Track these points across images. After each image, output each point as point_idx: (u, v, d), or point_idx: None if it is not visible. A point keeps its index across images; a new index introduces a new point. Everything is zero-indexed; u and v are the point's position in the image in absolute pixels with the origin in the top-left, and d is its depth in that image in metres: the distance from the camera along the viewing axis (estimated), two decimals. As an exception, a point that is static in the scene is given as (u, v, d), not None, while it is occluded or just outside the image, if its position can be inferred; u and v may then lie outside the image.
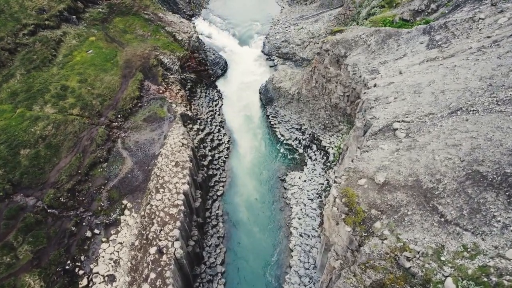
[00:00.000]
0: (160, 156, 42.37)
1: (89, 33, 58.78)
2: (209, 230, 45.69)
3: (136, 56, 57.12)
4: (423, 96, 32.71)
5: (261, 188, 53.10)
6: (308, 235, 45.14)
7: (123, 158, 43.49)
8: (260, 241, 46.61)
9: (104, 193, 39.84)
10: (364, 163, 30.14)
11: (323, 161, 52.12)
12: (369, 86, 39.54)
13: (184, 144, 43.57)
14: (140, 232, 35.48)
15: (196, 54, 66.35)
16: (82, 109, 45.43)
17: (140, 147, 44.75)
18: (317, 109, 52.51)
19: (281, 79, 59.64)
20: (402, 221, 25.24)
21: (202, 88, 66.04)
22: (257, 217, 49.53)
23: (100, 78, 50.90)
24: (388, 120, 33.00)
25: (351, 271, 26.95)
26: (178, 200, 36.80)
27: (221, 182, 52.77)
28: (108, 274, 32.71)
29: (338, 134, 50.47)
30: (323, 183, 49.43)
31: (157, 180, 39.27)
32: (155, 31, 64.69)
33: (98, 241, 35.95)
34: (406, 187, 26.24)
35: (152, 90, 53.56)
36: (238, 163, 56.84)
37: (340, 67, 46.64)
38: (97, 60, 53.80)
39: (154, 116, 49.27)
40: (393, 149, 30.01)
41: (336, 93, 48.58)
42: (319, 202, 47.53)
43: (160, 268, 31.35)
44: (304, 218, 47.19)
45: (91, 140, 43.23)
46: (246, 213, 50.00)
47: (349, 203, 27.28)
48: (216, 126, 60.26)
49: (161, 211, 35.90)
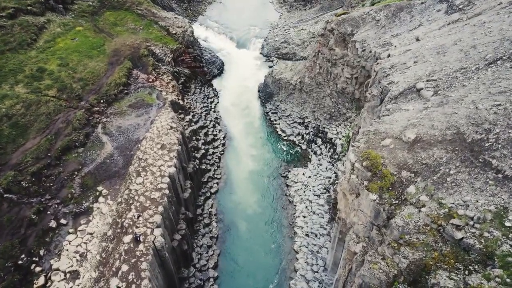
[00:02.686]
0: (144, 140, 36.92)
1: (76, 23, 54.99)
2: (201, 229, 39.29)
3: (125, 46, 53.00)
4: (450, 55, 28.51)
5: (260, 186, 47.13)
6: (315, 234, 38.79)
7: (103, 143, 37.93)
8: (260, 243, 40.08)
9: (77, 179, 33.90)
10: (386, 125, 24.92)
11: (329, 154, 46.63)
12: (382, 57, 35.15)
13: (172, 128, 38.24)
14: (114, 220, 29.30)
15: (191, 50, 62.55)
16: (59, 91, 40.40)
17: (122, 132, 39.32)
18: (322, 97, 47.79)
19: (281, 71, 55.46)
20: (443, 183, 19.57)
21: (196, 85, 61.60)
22: (255, 216, 43.24)
23: (84, 64, 46.35)
24: (410, 83, 28.53)
25: (379, 254, 20.84)
26: (162, 183, 30.93)
27: (215, 179, 46.90)
28: (71, 270, 26.17)
29: (346, 123, 45.35)
30: (330, 176, 43.67)
31: (139, 163, 33.57)
32: (148, 25, 61.18)
33: (64, 232, 29.58)
34: (444, 142, 20.81)
35: (141, 79, 48.91)
36: (234, 160, 51.19)
37: (347, 47, 42.46)
38: (82, 47, 49.53)
39: (141, 103, 44.24)
40: (420, 108, 25.03)
41: (342, 77, 44.05)
42: (327, 197, 41.53)
43: (134, 259, 24.96)
44: (310, 216, 41.00)
45: (67, 123, 37.84)
46: (243, 212, 43.73)
47: (372, 166, 21.70)
48: (211, 121, 55.20)
49: (141, 196, 29.93)
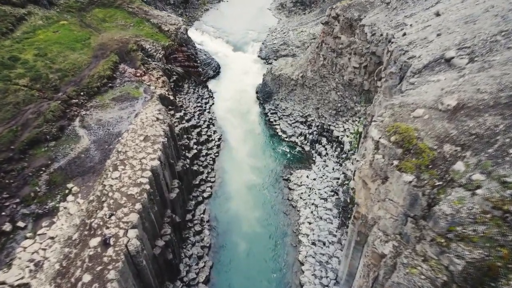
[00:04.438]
0: (126, 132, 32.14)
1: (60, 17, 51.26)
2: (191, 237, 33.88)
3: (113, 40, 49.03)
4: (482, 22, 24.46)
5: (259, 190, 42.01)
6: (323, 242, 33.46)
7: (79, 137, 33.08)
8: (259, 253, 34.62)
9: (44, 176, 28.81)
10: (414, 97, 20.37)
11: (336, 153, 41.83)
12: (396, 38, 31.14)
13: (159, 119, 33.55)
14: (83, 221, 24.08)
15: (184, 48, 58.74)
16: (32, 81, 35.88)
17: (102, 125, 34.57)
18: (327, 92, 43.47)
19: (281, 67, 51.46)
20: (504, 156, 14.78)
21: (190, 85, 57.40)
22: (253, 224, 37.93)
23: (65, 55, 42.11)
24: (435, 55, 24.40)
25: (418, 254, 15.74)
26: (143, 177, 25.90)
27: (208, 182, 41.80)
28: (21, 283, 20.76)
29: (354, 118, 40.80)
30: (338, 177, 38.70)
31: (117, 156, 28.63)
32: (139, 22, 57.57)
33: (21, 237, 24.25)
34: (498, 106, 16.15)
35: (128, 73, 44.60)
36: (230, 163, 46.23)
37: (354, 33, 38.53)
38: (64, 40, 45.49)
39: (126, 96, 39.73)
40: (454, 77, 20.61)
41: (349, 67, 39.90)
42: (336, 200, 36.41)
43: (100, 267, 19.65)
44: (316, 222, 35.78)
45: (38, 114, 33.10)
46: (240, 219, 38.43)
47: (403, 141, 16.93)
48: (205, 121, 50.61)
49: (116, 192, 24.82)
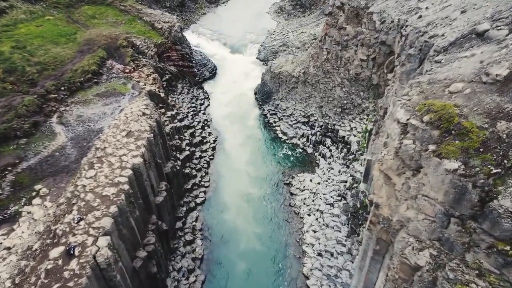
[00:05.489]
0: (108, 128, 28.50)
1: (46, 13, 48.25)
2: (180, 248, 29.86)
3: (101, 36, 45.83)
4: (515, -6, 20.89)
5: (258, 195, 38.15)
6: (331, 252, 29.50)
7: (54, 134, 29.42)
8: (257, 266, 30.56)
9: (10, 176, 25.01)
10: (446, 73, 16.88)
11: (342, 155, 38.18)
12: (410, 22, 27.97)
13: (145, 114, 29.96)
14: (48, 228, 20.19)
15: (179, 47, 55.71)
16: (6, 73, 32.41)
17: (83, 122, 30.96)
18: (331, 88, 40.13)
19: (281, 64, 48.30)
20: None
21: (184, 85, 54.11)
22: (252, 233, 33.95)
23: (46, 49, 38.84)
24: (463, 31, 21.07)
25: (469, 266, 12.01)
26: (121, 176, 22.14)
27: (202, 187, 37.96)
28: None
29: (361, 116, 37.33)
30: (346, 180, 34.95)
31: (94, 153, 24.90)
32: (131, 20, 54.73)
33: (-27, 247, 20.41)
34: None
35: (116, 69, 41.20)
36: (226, 166, 42.45)
37: (361, 23, 35.42)
38: (48, 34, 42.31)
39: (112, 92, 36.26)
40: (494, 49, 17.08)
41: (356, 60, 36.66)
42: (344, 206, 32.57)
43: (57, 285, 15.74)
44: (322, 230, 31.87)
45: (8, 109, 29.49)
46: (236, 227, 34.46)
47: (441, 120, 13.31)
48: (199, 122, 47.05)
49: (88, 193, 21.03)
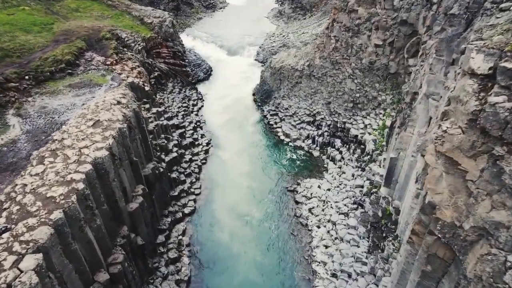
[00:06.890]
0: (73, 118, 23.19)
1: (22, 3, 43.69)
2: (161, 268, 23.97)
3: (81, 28, 41.03)
4: None
5: (257, 204, 32.54)
6: (348, 273, 23.72)
7: (7, 127, 24.02)
8: (258, 290, 24.73)
9: None
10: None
11: (355, 157, 32.84)
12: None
13: (120, 103, 24.68)
14: (-34, 243, 14.58)
15: (170, 43, 51.09)
16: (-43, 57, 27.51)
17: (46, 114, 25.62)
18: (340, 81, 35.19)
19: (282, 59, 43.60)
20: None
21: (176, 84, 49.16)
22: (250, 249, 28.15)
23: (13, 35, 33.95)
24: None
25: None
26: (77, 173, 16.67)
27: (191, 194, 32.34)
28: None
29: (377, 111, 32.19)
30: (362, 185, 29.47)
31: (48, 146, 19.48)
32: (119, 15, 50.35)
33: None
34: None
35: (96, 61, 36.25)
36: (220, 172, 36.93)
37: (375, 3, 30.81)
38: (19, 22, 37.49)
39: (87, 83, 31.10)
40: None
41: (370, 47, 31.86)
42: (361, 215, 26.95)
43: None
44: (336, 245, 26.18)
45: (-47, 96, 24.37)
46: (232, 242, 28.67)
47: None
48: (191, 123, 41.78)
49: (28, 194, 15.54)
